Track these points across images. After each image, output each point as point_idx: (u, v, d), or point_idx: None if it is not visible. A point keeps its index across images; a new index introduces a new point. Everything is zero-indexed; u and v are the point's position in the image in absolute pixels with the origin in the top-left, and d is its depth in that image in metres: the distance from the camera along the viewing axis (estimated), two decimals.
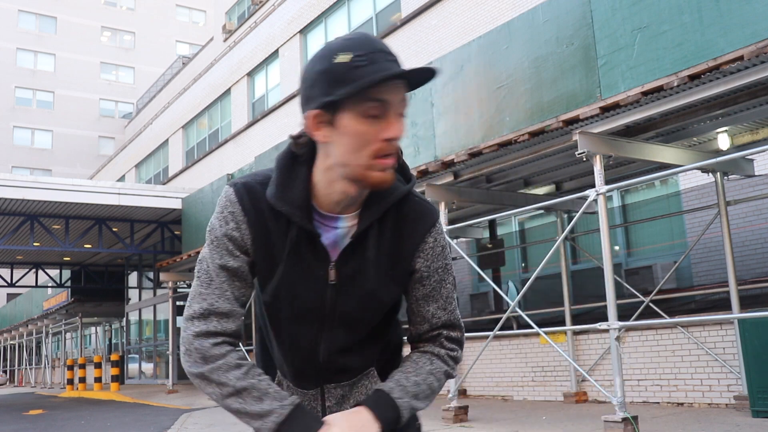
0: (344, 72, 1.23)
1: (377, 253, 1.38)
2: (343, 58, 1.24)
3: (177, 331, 19.87)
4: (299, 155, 1.37)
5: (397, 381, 1.43)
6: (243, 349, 1.39)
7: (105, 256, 23.16)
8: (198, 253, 15.59)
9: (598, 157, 7.11)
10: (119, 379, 23.05)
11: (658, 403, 8.80)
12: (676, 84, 6.31)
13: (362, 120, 1.25)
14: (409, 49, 15.17)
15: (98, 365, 27.19)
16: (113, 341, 32.77)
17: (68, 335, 36.32)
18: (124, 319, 27.71)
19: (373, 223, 1.37)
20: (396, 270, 1.40)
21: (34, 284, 26.96)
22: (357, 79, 1.22)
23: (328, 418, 1.31)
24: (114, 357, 23.25)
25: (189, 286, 21.63)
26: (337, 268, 1.37)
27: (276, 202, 1.34)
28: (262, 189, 1.36)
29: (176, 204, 17.39)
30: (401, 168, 1.42)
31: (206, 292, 1.34)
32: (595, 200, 7.09)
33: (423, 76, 1.27)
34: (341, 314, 1.40)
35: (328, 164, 1.32)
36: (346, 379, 1.47)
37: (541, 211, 10.93)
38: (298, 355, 1.43)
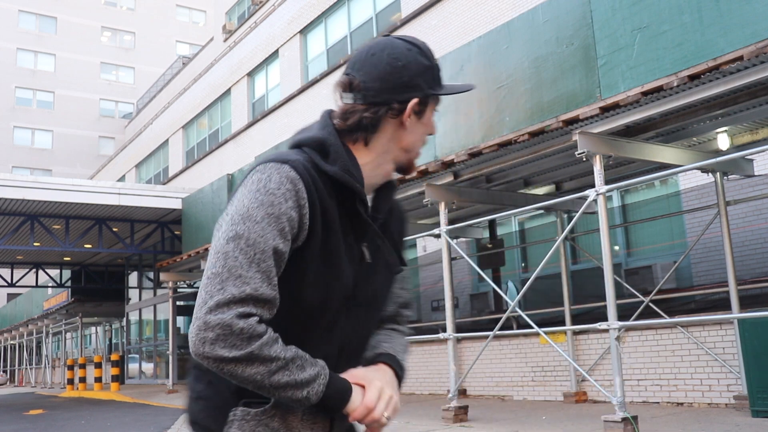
0: (439, 73, 1.46)
1: (386, 235, 1.48)
2: (435, 60, 1.46)
3: (177, 330, 19.86)
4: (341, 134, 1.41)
5: (391, 347, 1.52)
6: None
7: (105, 256, 23.16)
8: (198, 253, 15.59)
9: (598, 157, 7.11)
10: (119, 379, 23.06)
11: (658, 402, 8.80)
12: (676, 84, 6.31)
13: (432, 115, 1.47)
14: None
15: (98, 365, 27.20)
16: (113, 341, 32.77)
17: (68, 335, 36.33)
18: (124, 319, 27.71)
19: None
20: (395, 252, 1.52)
21: (34, 284, 26.96)
22: (441, 82, 1.46)
23: (357, 372, 1.36)
24: (114, 357, 23.26)
25: (189, 286, 21.66)
26: (368, 248, 1.43)
27: (344, 176, 1.35)
28: (311, 165, 1.34)
29: (176, 204, 17.39)
30: None
31: (248, 275, 1.22)
32: (595, 200, 7.09)
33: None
34: (371, 295, 1.45)
35: (389, 148, 1.42)
36: (360, 362, 1.47)
37: (541, 211, 10.93)
38: (328, 340, 1.39)
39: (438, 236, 9.30)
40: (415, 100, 1.39)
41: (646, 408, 8.47)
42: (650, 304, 9.03)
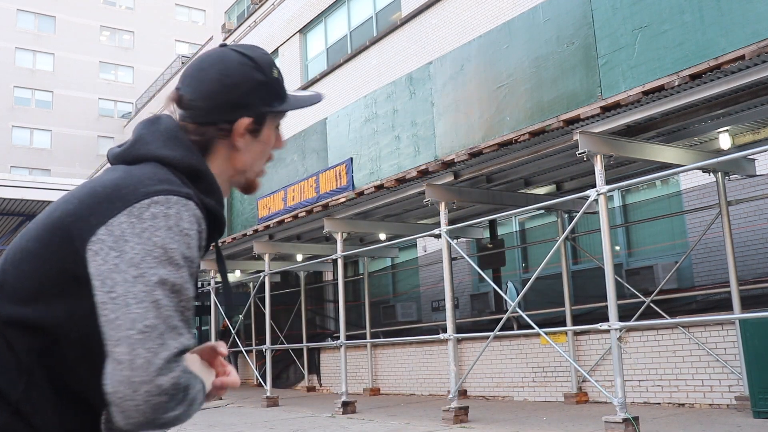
0: (279, 87, 1.35)
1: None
2: (275, 72, 1.35)
3: None
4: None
5: None
6: None
7: None
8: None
9: (598, 156, 7.08)
10: None
11: (659, 403, 8.77)
12: (677, 83, 6.28)
13: (274, 131, 1.37)
14: (409, 49, 15.14)
15: None
16: None
17: None
18: None
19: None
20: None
21: None
22: (284, 95, 1.36)
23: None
24: None
25: None
26: None
27: (221, 211, 1.27)
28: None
29: None
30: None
31: (179, 324, 1.09)
32: (596, 200, 7.06)
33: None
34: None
35: (224, 169, 1.33)
36: None
37: (542, 211, 10.90)
38: None
39: (438, 236, 9.27)
40: (245, 121, 1.29)
41: (647, 409, 8.44)
42: (651, 305, 9.00)
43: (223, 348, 1.29)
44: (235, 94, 1.29)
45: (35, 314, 1.13)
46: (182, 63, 33.93)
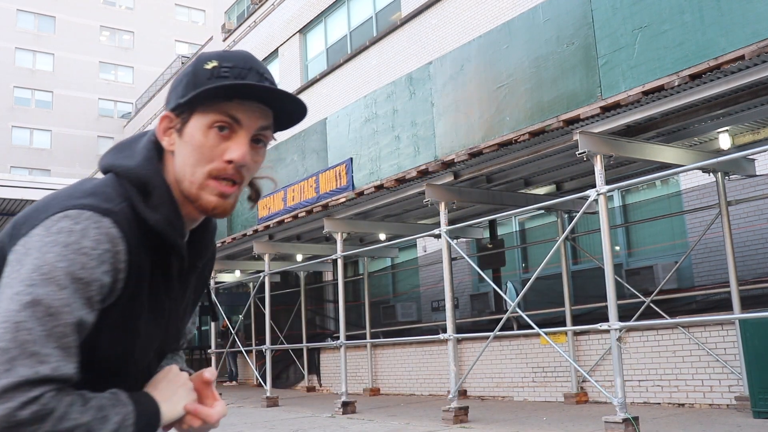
0: (204, 78, 1.14)
1: (199, 280, 1.33)
2: (210, 64, 1.15)
3: None
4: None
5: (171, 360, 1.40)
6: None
7: None
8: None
9: (598, 156, 7.08)
10: None
11: (659, 403, 8.77)
12: (677, 83, 6.28)
13: (206, 131, 1.15)
14: (409, 49, 15.14)
15: None
16: None
17: None
18: None
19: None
20: (197, 294, 1.37)
21: None
22: (202, 85, 1.15)
23: (158, 384, 1.20)
24: None
25: None
26: (176, 297, 1.25)
27: (167, 229, 1.14)
28: (132, 214, 1.11)
29: None
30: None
31: (46, 351, 0.97)
32: (596, 200, 7.06)
33: (289, 107, 1.19)
34: (174, 341, 1.31)
35: (172, 179, 1.18)
36: None
37: (542, 211, 10.90)
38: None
39: (438, 236, 9.27)
40: (163, 115, 1.17)
41: (647, 409, 8.44)
42: (651, 305, 9.00)
43: (208, 374, 1.24)
44: (169, 91, 1.20)
45: None
46: (182, 63, 33.94)
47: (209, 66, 1.15)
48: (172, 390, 1.19)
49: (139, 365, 1.20)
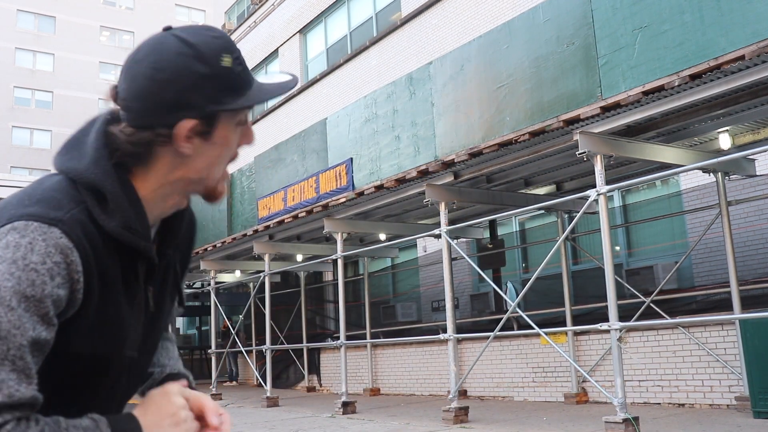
0: (232, 78, 1.10)
1: (170, 272, 1.27)
2: (226, 60, 1.09)
3: (176, 331, 19.80)
4: (125, 168, 1.11)
5: (172, 364, 1.38)
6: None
7: None
8: (197, 253, 15.56)
9: (598, 157, 7.08)
10: None
11: (659, 404, 8.77)
12: (677, 83, 6.28)
13: (235, 129, 1.14)
14: (409, 49, 15.14)
15: None
16: None
17: None
18: None
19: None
20: (178, 288, 1.32)
21: None
22: (245, 86, 1.12)
23: (151, 396, 1.14)
24: None
25: (189, 286, 21.60)
26: (153, 294, 1.21)
27: (125, 234, 1.08)
28: (86, 219, 1.05)
29: None
30: None
31: (7, 378, 0.93)
32: (596, 200, 7.06)
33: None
34: (155, 341, 1.26)
35: (176, 177, 1.14)
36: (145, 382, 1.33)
37: (542, 211, 10.90)
38: (111, 397, 1.18)
39: (438, 236, 9.27)
40: (188, 124, 1.08)
41: (648, 409, 8.44)
42: (651, 305, 9.00)
43: (214, 420, 1.15)
44: (170, 93, 1.07)
45: None
46: None
47: (227, 63, 1.10)
48: (159, 418, 1.09)
49: (127, 363, 1.15)
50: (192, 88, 1.07)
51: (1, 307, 0.95)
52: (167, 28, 1.12)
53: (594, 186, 7.16)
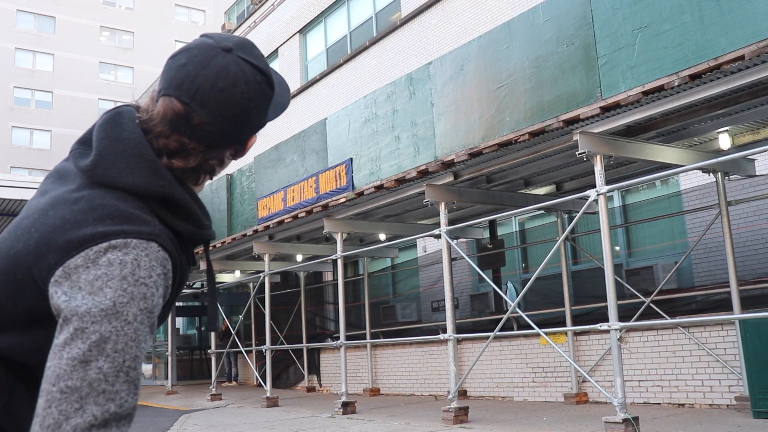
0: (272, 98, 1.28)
1: None
2: (275, 83, 1.28)
3: (176, 332, 19.81)
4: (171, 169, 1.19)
5: None
6: None
7: None
8: (197, 253, 15.54)
9: (598, 157, 7.08)
10: None
11: (659, 404, 8.77)
12: (676, 84, 6.28)
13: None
14: (409, 49, 15.14)
15: None
16: None
17: None
18: None
19: None
20: None
21: None
22: (277, 102, 1.29)
23: None
24: None
25: (188, 287, 21.59)
26: None
27: (197, 233, 1.20)
28: (165, 227, 1.14)
29: None
30: None
31: (115, 388, 0.98)
32: (596, 200, 7.06)
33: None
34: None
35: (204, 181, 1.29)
36: None
37: (542, 212, 10.90)
38: None
39: (438, 236, 9.27)
40: (255, 138, 1.27)
41: (647, 409, 8.44)
42: (651, 305, 9.00)
43: None
44: (255, 116, 1.22)
45: (5, 344, 1.11)
46: None
47: (274, 85, 1.27)
48: None
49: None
50: (265, 110, 1.25)
51: (118, 321, 1.00)
52: (227, 49, 1.19)
53: (594, 186, 7.16)
